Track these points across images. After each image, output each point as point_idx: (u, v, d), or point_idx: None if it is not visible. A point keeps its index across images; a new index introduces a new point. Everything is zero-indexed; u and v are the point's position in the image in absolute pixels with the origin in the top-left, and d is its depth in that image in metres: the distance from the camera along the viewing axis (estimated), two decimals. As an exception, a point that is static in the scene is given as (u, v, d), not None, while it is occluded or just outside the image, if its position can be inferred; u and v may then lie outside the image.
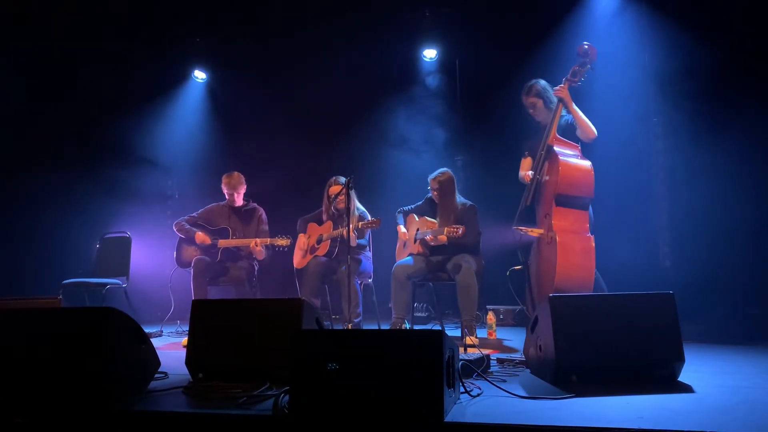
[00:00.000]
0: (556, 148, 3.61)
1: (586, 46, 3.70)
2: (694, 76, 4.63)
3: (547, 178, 3.66)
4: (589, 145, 3.78)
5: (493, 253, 4.80)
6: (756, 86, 4.54)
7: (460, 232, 3.91)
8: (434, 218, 4.40)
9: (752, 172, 4.51)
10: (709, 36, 4.55)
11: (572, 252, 3.41)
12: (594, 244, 3.43)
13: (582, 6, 5.34)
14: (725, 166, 4.51)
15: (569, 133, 3.80)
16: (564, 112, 3.83)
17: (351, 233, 3.85)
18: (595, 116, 3.83)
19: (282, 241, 4.54)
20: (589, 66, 3.70)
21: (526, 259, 3.87)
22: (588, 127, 3.71)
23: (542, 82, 3.94)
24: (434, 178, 4.40)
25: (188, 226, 4.77)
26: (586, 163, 3.59)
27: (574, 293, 3.22)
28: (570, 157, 3.60)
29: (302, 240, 4.80)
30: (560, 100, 3.76)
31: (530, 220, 3.83)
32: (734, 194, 4.50)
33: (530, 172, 3.85)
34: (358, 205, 4.65)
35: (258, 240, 4.61)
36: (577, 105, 3.77)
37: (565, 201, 3.53)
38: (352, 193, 4.07)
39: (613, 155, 4.39)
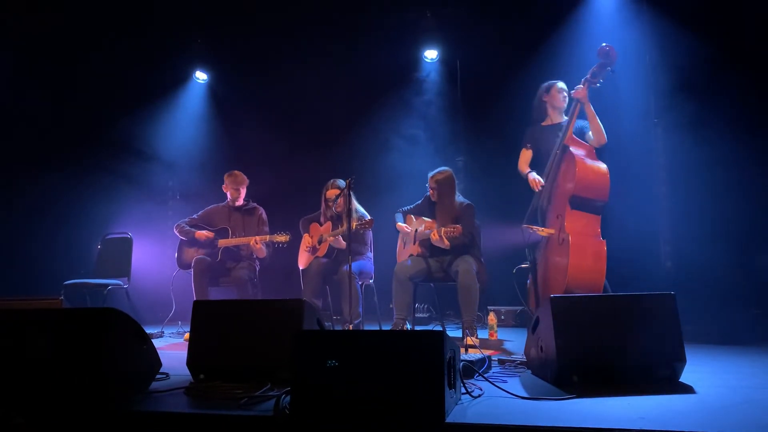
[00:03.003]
0: (572, 149, 3.59)
1: (607, 48, 3.63)
2: (695, 75, 4.63)
3: (561, 178, 3.64)
4: (598, 149, 3.76)
5: (494, 254, 4.79)
6: (757, 85, 4.53)
7: (457, 232, 3.90)
8: (433, 218, 4.38)
9: (754, 172, 4.50)
10: (712, 36, 4.54)
11: (584, 254, 3.40)
12: (606, 249, 3.41)
13: (582, 6, 5.34)
14: (726, 165, 4.50)
15: (581, 137, 3.80)
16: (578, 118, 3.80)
17: (344, 234, 3.83)
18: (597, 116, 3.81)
19: (281, 238, 4.54)
20: (608, 68, 3.64)
21: (533, 258, 3.86)
22: (602, 132, 3.70)
23: (561, 83, 3.94)
24: (432, 177, 4.36)
25: (188, 228, 4.78)
26: (602, 166, 3.58)
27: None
28: (586, 158, 3.58)
29: (307, 240, 4.81)
30: (578, 101, 3.70)
31: (536, 219, 3.82)
32: (735, 194, 4.49)
33: (537, 178, 3.84)
34: (357, 207, 4.65)
35: (257, 237, 4.61)
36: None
37: (579, 203, 3.51)
38: (352, 195, 4.06)
39: (613, 155, 4.38)
